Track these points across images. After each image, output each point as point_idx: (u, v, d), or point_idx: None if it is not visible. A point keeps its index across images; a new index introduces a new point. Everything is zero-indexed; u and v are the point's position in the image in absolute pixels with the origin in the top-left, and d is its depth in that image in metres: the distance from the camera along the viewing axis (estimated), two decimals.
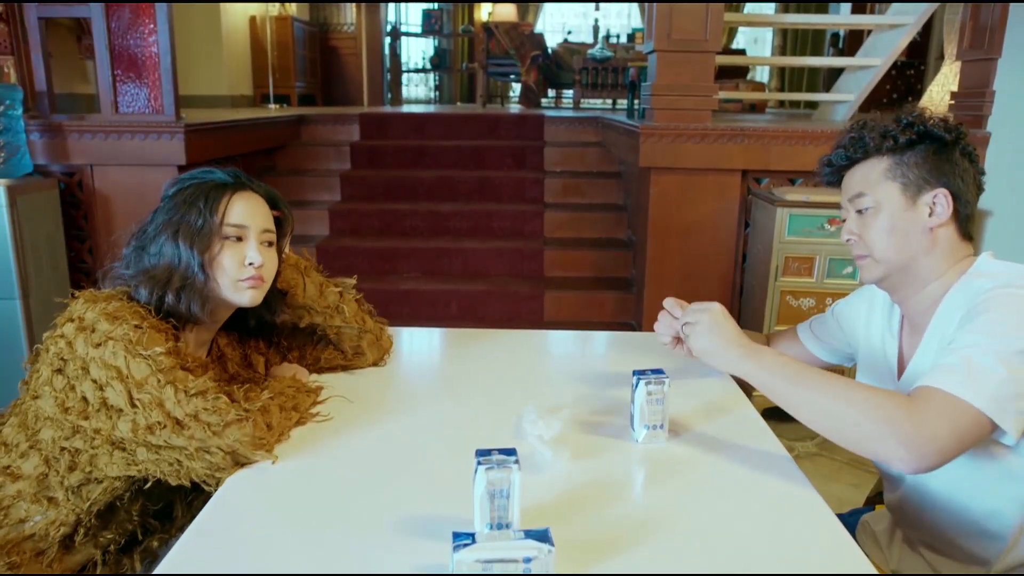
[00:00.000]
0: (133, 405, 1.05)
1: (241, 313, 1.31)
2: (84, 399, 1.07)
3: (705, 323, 1.21)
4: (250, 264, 1.20)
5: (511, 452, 0.90)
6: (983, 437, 1.02)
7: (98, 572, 1.18)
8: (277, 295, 1.36)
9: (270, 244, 1.26)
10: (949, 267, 1.18)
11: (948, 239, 1.18)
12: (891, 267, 1.20)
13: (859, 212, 1.21)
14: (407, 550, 0.90)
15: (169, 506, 1.26)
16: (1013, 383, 0.99)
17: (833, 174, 1.27)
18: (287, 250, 1.38)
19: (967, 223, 1.20)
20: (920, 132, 1.17)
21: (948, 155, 1.17)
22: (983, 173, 1.21)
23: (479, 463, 0.88)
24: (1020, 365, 1.00)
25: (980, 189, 1.20)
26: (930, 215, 1.16)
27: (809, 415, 1.08)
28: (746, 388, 1.31)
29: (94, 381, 1.07)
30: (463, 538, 0.80)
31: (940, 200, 1.16)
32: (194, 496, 1.25)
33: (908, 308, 1.25)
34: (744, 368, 1.15)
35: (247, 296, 1.22)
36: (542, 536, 0.80)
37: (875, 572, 0.88)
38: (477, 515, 0.89)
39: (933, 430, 0.99)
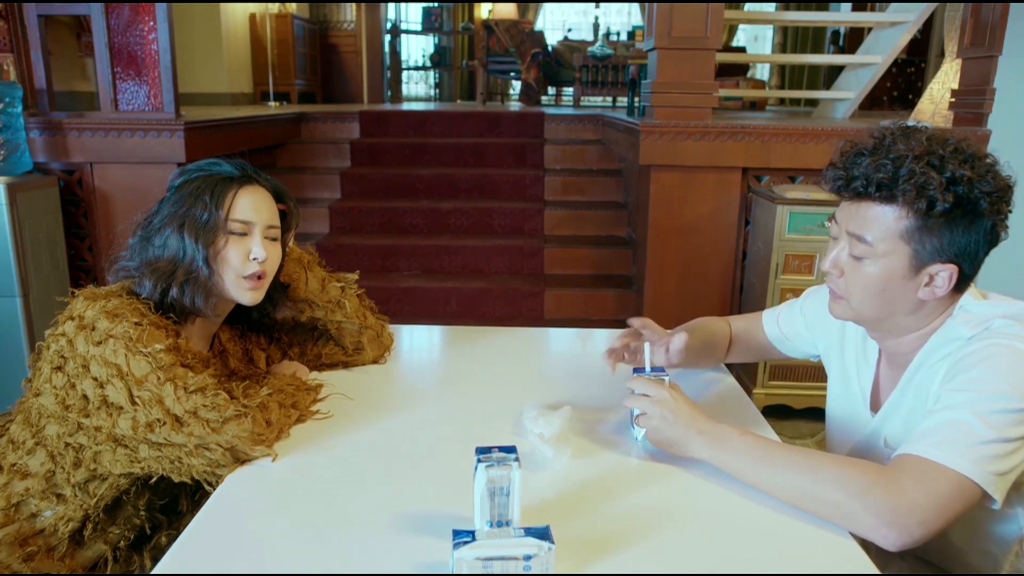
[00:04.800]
0: (133, 403, 1.06)
1: (243, 306, 1.31)
2: (84, 397, 1.08)
3: (658, 416, 1.08)
4: (254, 259, 1.20)
5: (511, 450, 0.90)
6: (972, 503, 0.94)
7: (109, 569, 1.18)
8: (279, 288, 1.36)
9: (274, 239, 1.26)
10: (930, 322, 1.09)
11: (935, 305, 1.08)
12: (864, 319, 1.13)
13: (853, 255, 1.07)
14: (407, 547, 0.90)
15: (175, 501, 1.26)
16: (996, 445, 0.93)
17: (844, 194, 1.09)
18: (291, 244, 1.38)
19: (964, 287, 1.08)
20: (960, 196, 0.99)
21: (978, 227, 1.01)
22: (1005, 229, 1.05)
23: (479, 461, 0.88)
24: (1003, 425, 0.93)
25: (993, 246, 1.06)
26: (926, 285, 1.05)
27: (784, 496, 0.99)
28: (746, 386, 1.31)
29: (94, 379, 1.07)
30: (463, 536, 0.80)
31: (943, 276, 1.04)
32: (199, 491, 1.25)
33: (885, 348, 1.18)
34: (707, 454, 1.05)
35: (248, 296, 1.23)
36: (542, 534, 0.80)
37: (872, 570, 0.88)
38: (477, 513, 0.89)
39: (912, 500, 0.91)
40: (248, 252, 1.21)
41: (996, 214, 1.02)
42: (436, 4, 9.90)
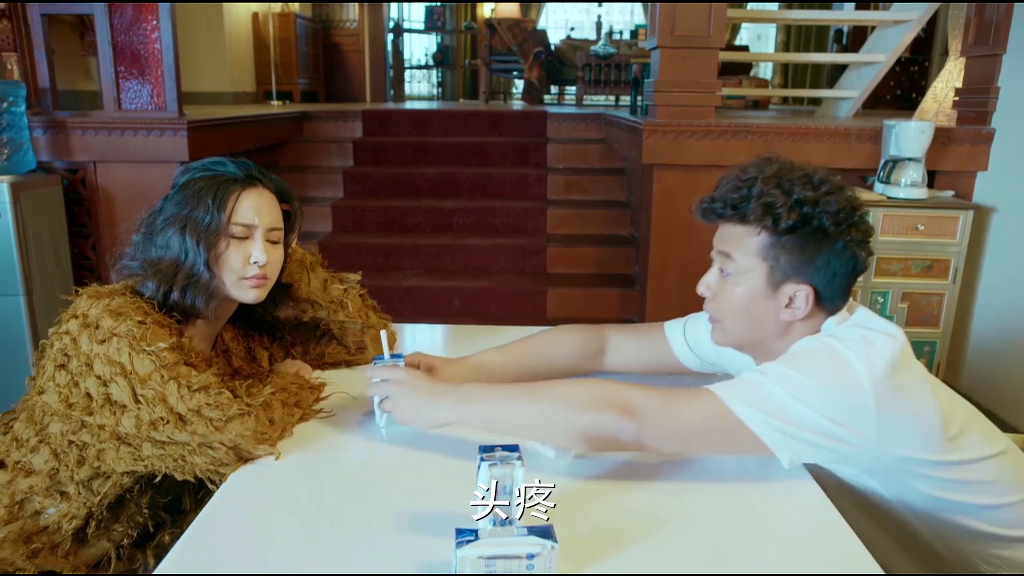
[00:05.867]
0: (137, 401, 1.06)
1: (246, 305, 1.31)
2: (88, 395, 1.08)
3: (398, 394, 1.08)
4: (254, 263, 1.20)
5: (514, 448, 0.90)
6: (740, 443, 1.01)
7: (112, 567, 1.18)
8: (281, 288, 1.36)
9: (276, 241, 1.26)
10: None
11: (804, 327, 1.12)
12: (739, 342, 1.17)
13: (722, 272, 1.14)
14: (410, 546, 0.90)
15: (178, 499, 1.26)
16: (782, 403, 0.98)
17: (705, 220, 1.18)
18: (294, 245, 1.38)
19: (832, 310, 1.12)
20: (806, 216, 1.05)
21: (827, 247, 1.07)
22: (869, 255, 1.10)
23: (482, 459, 0.88)
24: (799, 391, 0.98)
25: (858, 274, 1.10)
26: (787, 306, 1.10)
27: (538, 424, 1.04)
28: None
29: (98, 377, 1.07)
30: (466, 534, 0.80)
31: (800, 297, 1.08)
32: (203, 489, 1.25)
33: None
34: (459, 412, 1.05)
35: (251, 295, 1.23)
36: (545, 533, 0.80)
37: (877, 569, 0.88)
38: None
39: (652, 398, 1.01)
40: (248, 256, 1.21)
41: (844, 235, 1.06)
42: (439, 3, 9.90)
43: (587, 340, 1.38)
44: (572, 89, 8.20)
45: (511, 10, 9.03)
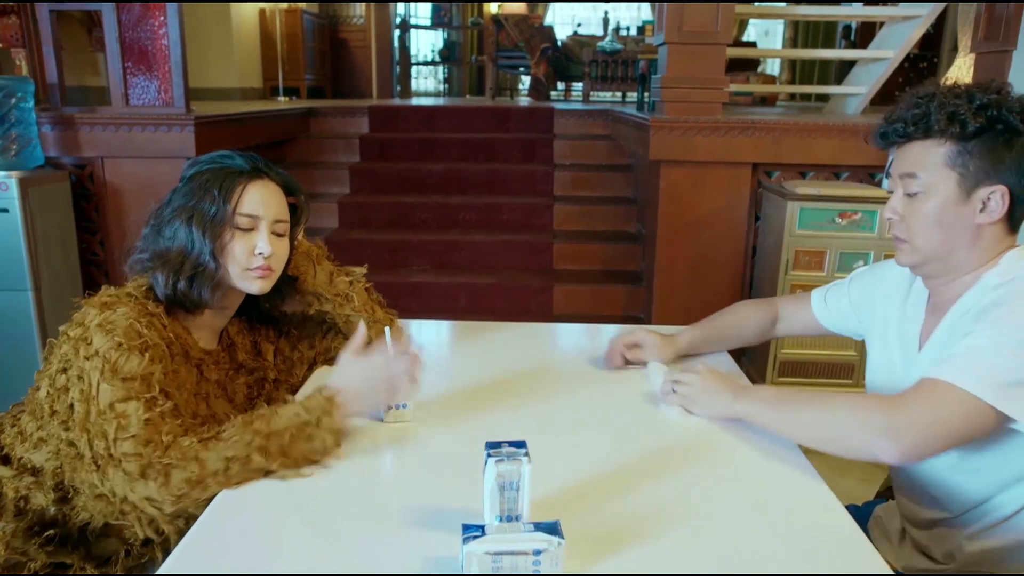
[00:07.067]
0: (86, 429, 1.04)
1: (252, 298, 1.31)
2: (71, 407, 1.06)
3: (692, 380, 1.25)
4: (259, 254, 1.20)
5: (521, 444, 0.90)
6: (985, 426, 1.01)
7: (120, 563, 1.19)
8: (287, 281, 1.36)
9: (282, 234, 1.26)
10: (988, 260, 1.13)
11: (993, 235, 1.12)
12: (928, 257, 1.16)
13: (908, 194, 1.14)
14: (416, 542, 0.90)
15: None
16: (1017, 371, 0.98)
17: (886, 144, 1.18)
18: (300, 238, 1.38)
19: (1019, 221, 1.13)
20: (992, 118, 1.06)
21: (1017, 144, 1.07)
22: None
23: (489, 455, 0.88)
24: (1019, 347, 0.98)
25: None
26: (982, 210, 1.10)
27: (801, 432, 1.13)
28: (755, 381, 1.31)
29: (81, 391, 1.05)
30: (473, 530, 0.80)
31: (996, 198, 1.08)
32: None
33: (938, 293, 1.21)
34: (738, 408, 1.20)
35: (255, 285, 1.23)
36: (552, 529, 0.80)
37: (885, 569, 0.88)
38: (487, 507, 0.89)
39: (912, 414, 1.01)
40: (253, 247, 1.21)
41: None
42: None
43: (766, 313, 1.55)
44: (579, 85, 8.17)
45: (518, 6, 9.01)
